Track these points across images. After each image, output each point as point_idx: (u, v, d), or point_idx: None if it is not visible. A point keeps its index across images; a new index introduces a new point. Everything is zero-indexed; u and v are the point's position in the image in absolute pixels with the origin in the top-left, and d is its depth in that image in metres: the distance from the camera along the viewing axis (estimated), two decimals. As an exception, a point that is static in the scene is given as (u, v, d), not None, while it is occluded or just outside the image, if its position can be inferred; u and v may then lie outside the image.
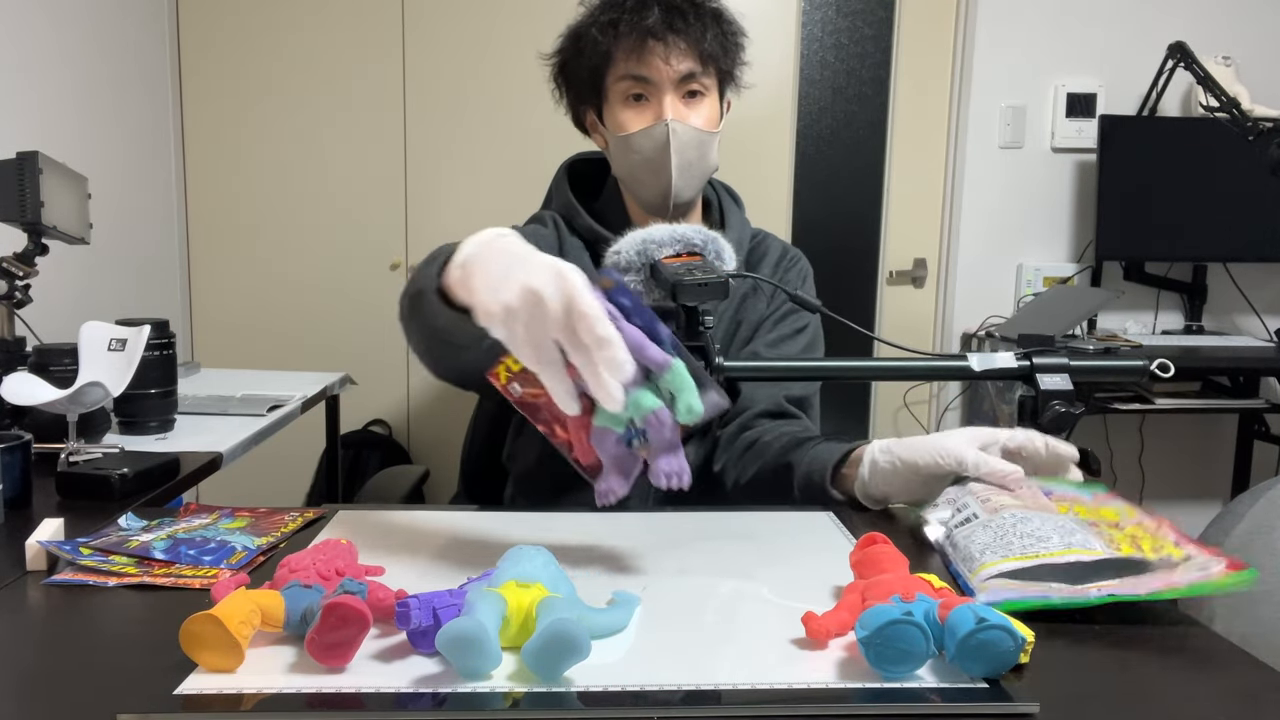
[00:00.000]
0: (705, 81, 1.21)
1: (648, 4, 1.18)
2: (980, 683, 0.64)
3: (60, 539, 0.87)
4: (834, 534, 0.98)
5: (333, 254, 2.69)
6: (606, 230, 1.24)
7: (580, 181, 1.35)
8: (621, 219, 1.24)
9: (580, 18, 1.25)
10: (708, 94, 1.22)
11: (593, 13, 1.22)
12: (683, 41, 1.18)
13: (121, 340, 1.26)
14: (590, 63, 1.23)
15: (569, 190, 1.31)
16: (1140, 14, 2.68)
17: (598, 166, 1.33)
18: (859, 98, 2.77)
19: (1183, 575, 0.74)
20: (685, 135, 1.19)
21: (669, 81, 1.19)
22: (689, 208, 1.26)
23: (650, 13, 1.17)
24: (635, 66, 1.19)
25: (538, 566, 0.72)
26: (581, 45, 1.23)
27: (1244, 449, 2.79)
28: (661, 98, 1.19)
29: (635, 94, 1.21)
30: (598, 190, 1.34)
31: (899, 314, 2.84)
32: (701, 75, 1.20)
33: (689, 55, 1.18)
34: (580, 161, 1.39)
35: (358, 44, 2.62)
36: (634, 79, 1.20)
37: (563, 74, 1.28)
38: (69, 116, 2.13)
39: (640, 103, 1.21)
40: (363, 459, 2.63)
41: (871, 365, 1.21)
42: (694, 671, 0.65)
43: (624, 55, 1.20)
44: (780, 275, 1.32)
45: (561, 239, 1.28)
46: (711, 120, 1.22)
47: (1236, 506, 1.55)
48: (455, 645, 0.61)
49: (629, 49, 1.19)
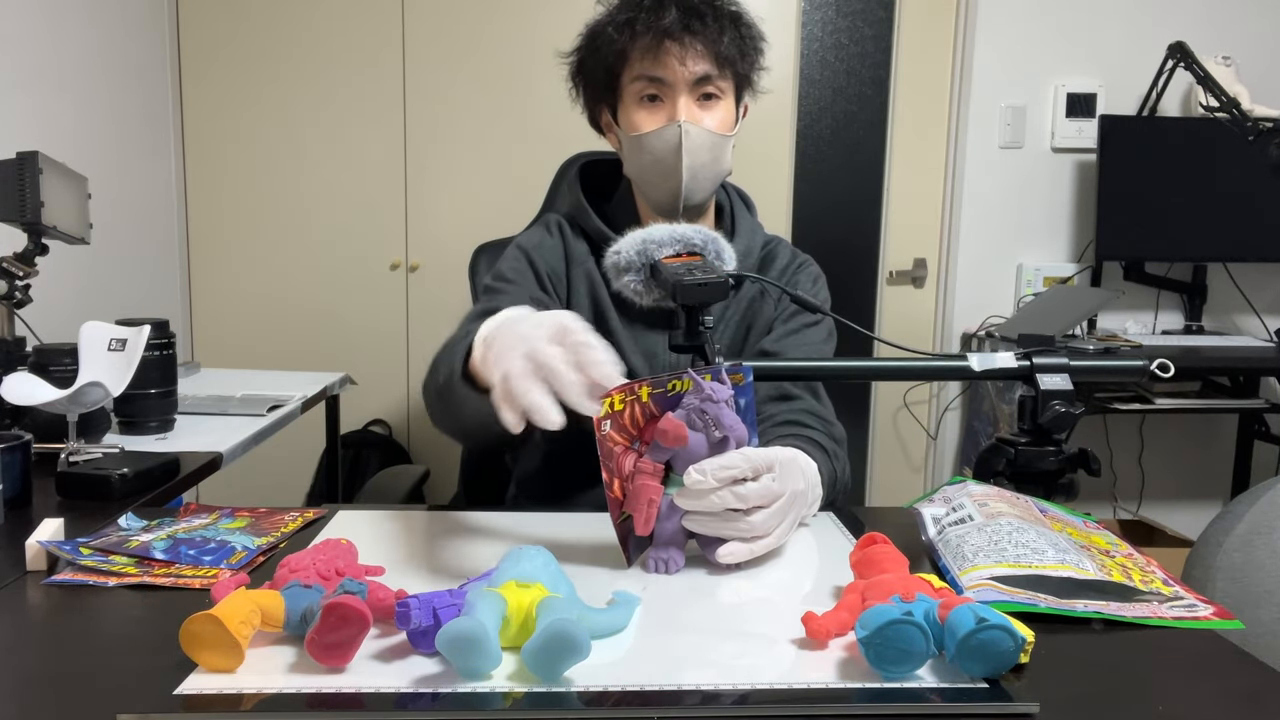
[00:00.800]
0: (721, 84, 1.20)
1: (665, 4, 1.16)
2: (980, 683, 0.64)
3: (60, 539, 0.87)
4: (834, 534, 0.98)
5: (333, 254, 2.69)
6: (615, 231, 1.23)
7: (593, 182, 1.34)
8: (632, 220, 1.24)
9: (598, 16, 1.24)
10: (723, 97, 1.21)
11: (611, 11, 1.21)
12: (699, 43, 1.17)
13: (121, 340, 1.26)
14: (606, 61, 1.22)
15: (580, 191, 1.31)
16: (1140, 14, 2.68)
17: (611, 167, 1.33)
18: (859, 98, 2.77)
19: (1170, 610, 0.75)
20: (698, 138, 1.18)
21: (684, 83, 1.17)
22: (700, 210, 1.25)
23: (667, 13, 1.16)
24: (650, 67, 1.18)
25: (538, 566, 0.72)
26: (598, 44, 1.22)
27: (1244, 449, 2.79)
28: (676, 99, 1.18)
29: (650, 94, 1.19)
30: (610, 191, 1.33)
31: (899, 314, 2.84)
32: (717, 78, 1.19)
33: (705, 57, 1.17)
34: (594, 162, 1.38)
35: (358, 44, 2.62)
36: (649, 79, 1.19)
37: (580, 72, 1.27)
38: (69, 116, 2.13)
39: (654, 103, 1.20)
40: (363, 459, 2.63)
41: (871, 365, 1.21)
42: (694, 672, 0.66)
43: (639, 55, 1.19)
44: (789, 278, 1.31)
45: (566, 244, 1.28)
46: (726, 123, 1.21)
47: (1236, 506, 1.55)
48: (455, 645, 0.61)
49: (645, 49, 1.18)
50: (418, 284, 2.71)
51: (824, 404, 1.20)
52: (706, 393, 0.80)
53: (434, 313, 2.71)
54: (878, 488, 2.90)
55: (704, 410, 0.80)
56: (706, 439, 0.80)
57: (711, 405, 0.80)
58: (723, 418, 0.80)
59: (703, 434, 0.80)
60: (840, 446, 1.14)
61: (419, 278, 2.70)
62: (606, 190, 1.33)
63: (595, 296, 1.24)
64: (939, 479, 2.85)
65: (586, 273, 1.25)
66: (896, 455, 2.90)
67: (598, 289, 1.24)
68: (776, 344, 1.24)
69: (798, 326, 1.25)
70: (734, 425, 0.81)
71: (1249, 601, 1.42)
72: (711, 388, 0.80)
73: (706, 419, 0.80)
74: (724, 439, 0.81)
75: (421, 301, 2.71)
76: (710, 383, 0.81)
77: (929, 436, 2.86)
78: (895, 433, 2.89)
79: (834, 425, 1.16)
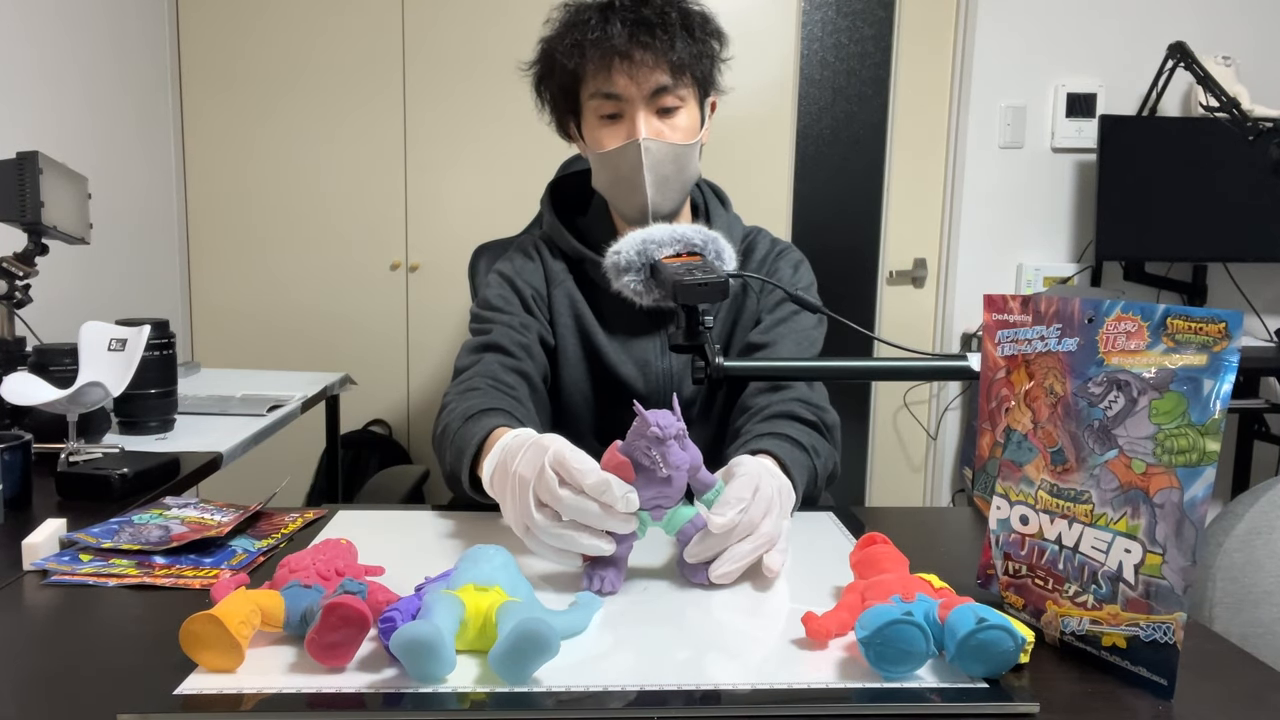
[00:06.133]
0: (681, 93, 1.18)
1: (610, 20, 1.14)
2: (980, 683, 0.64)
3: (56, 550, 0.87)
4: (834, 534, 0.98)
5: (333, 254, 2.69)
6: (593, 247, 1.23)
7: (568, 196, 1.34)
8: (609, 233, 1.23)
9: (549, 33, 1.22)
10: (684, 105, 1.19)
11: (559, 30, 1.20)
12: (650, 57, 1.14)
13: (121, 340, 1.26)
14: (561, 81, 1.21)
15: (552, 212, 1.31)
16: (1140, 14, 2.68)
17: (586, 177, 1.33)
18: (859, 98, 2.77)
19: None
20: (659, 152, 1.17)
21: (640, 98, 1.16)
22: (673, 217, 1.24)
23: (614, 29, 1.14)
24: (605, 84, 1.17)
25: (496, 568, 0.71)
26: (552, 64, 1.21)
27: (1244, 449, 2.79)
28: (635, 114, 1.16)
29: (608, 112, 1.18)
30: (587, 203, 1.33)
31: (899, 314, 2.84)
32: (675, 88, 1.17)
33: (659, 69, 1.15)
34: (568, 176, 1.38)
35: (358, 43, 2.62)
36: (605, 97, 1.17)
37: (541, 87, 1.27)
38: (69, 116, 2.13)
39: (614, 120, 1.18)
40: (363, 459, 2.63)
41: (871, 365, 1.21)
42: (694, 671, 0.66)
43: (593, 74, 1.17)
44: (770, 266, 1.31)
45: (546, 265, 1.28)
46: (689, 131, 1.20)
47: (1236, 506, 1.55)
48: (409, 649, 0.61)
49: (597, 68, 1.16)
50: (418, 284, 2.71)
51: (816, 390, 1.19)
52: (653, 430, 0.78)
53: (434, 313, 2.71)
54: (878, 488, 2.90)
55: (649, 448, 0.78)
56: (654, 475, 0.79)
57: (657, 444, 0.78)
58: (669, 455, 0.79)
59: (651, 470, 0.79)
60: (832, 432, 1.14)
61: (419, 278, 2.70)
62: (585, 201, 1.33)
63: (577, 314, 1.26)
64: (939, 479, 2.86)
65: (567, 293, 1.27)
66: (896, 455, 2.90)
67: (579, 307, 1.26)
68: (766, 334, 1.23)
69: (786, 314, 1.25)
70: (679, 462, 0.79)
71: (1249, 601, 1.42)
72: (660, 424, 0.78)
73: (653, 455, 0.78)
74: (669, 476, 0.79)
75: (421, 301, 2.71)
76: (662, 413, 0.79)
77: (929, 436, 2.86)
78: (895, 433, 2.89)
79: (826, 411, 1.15)
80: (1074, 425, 0.71)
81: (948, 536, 1.05)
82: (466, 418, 1.02)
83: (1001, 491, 0.78)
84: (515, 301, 1.25)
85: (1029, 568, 0.75)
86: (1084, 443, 0.70)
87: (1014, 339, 0.78)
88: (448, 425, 1.04)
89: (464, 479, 0.97)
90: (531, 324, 1.23)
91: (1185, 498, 0.64)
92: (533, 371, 1.19)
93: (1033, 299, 0.77)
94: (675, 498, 0.81)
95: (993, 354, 0.80)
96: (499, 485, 0.86)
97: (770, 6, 2.62)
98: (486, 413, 1.01)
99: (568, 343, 1.25)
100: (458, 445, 0.99)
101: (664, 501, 0.80)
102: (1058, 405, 0.73)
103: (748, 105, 2.56)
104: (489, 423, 0.98)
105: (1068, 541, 0.71)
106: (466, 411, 1.03)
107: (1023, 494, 0.76)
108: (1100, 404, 0.69)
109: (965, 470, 2.82)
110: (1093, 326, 0.71)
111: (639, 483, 0.79)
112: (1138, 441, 0.67)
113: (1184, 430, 0.64)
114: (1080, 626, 0.70)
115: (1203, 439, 0.63)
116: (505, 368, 1.16)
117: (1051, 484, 0.73)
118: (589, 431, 1.26)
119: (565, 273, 1.28)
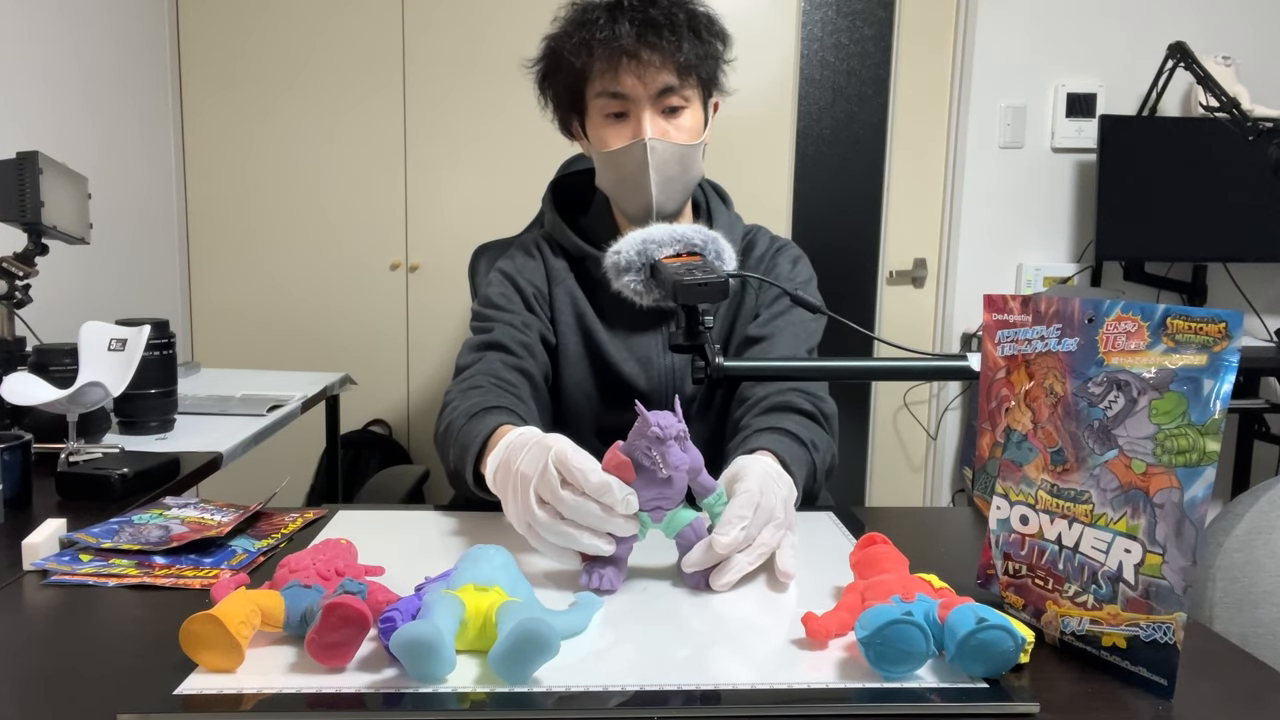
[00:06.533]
0: (686, 94, 1.19)
1: (619, 19, 1.15)
2: (980, 683, 0.64)
3: (56, 550, 0.87)
4: (834, 534, 0.98)
5: (333, 254, 2.69)
6: (594, 245, 1.24)
7: (569, 195, 1.34)
8: (610, 231, 1.24)
9: (556, 30, 1.22)
10: (689, 105, 1.20)
11: (566, 28, 1.20)
12: (658, 57, 1.15)
13: (121, 340, 1.26)
14: (567, 80, 1.21)
15: (554, 210, 1.31)
16: (1140, 14, 2.68)
17: (587, 176, 1.33)
18: (859, 98, 2.77)
19: None
20: (664, 152, 1.17)
21: (646, 98, 1.16)
22: (676, 216, 1.24)
23: (622, 29, 1.14)
24: (611, 83, 1.17)
25: (496, 568, 0.71)
26: (558, 62, 1.21)
27: (1244, 449, 2.78)
28: (640, 114, 1.17)
29: (614, 111, 1.19)
30: (589, 202, 1.33)
31: (899, 314, 2.84)
32: (681, 88, 1.18)
33: (666, 70, 1.16)
34: (569, 175, 1.38)
35: (358, 43, 2.62)
36: (611, 95, 1.18)
37: (546, 85, 1.27)
38: (69, 116, 2.13)
39: (620, 119, 1.19)
40: (363, 459, 2.63)
41: (871, 365, 1.21)
42: (694, 671, 0.66)
43: (599, 73, 1.18)
44: (768, 263, 1.31)
45: (547, 263, 1.29)
46: (694, 131, 1.20)
47: (1236, 506, 1.55)
48: (409, 649, 0.61)
49: (604, 67, 1.17)
50: (418, 284, 2.71)
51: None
52: (654, 430, 0.78)
53: (434, 313, 2.71)
54: (878, 488, 2.90)
55: (650, 448, 0.78)
56: (654, 476, 0.79)
57: (658, 444, 0.78)
58: (670, 456, 0.79)
59: (651, 471, 0.79)
60: (830, 422, 1.14)
61: (419, 278, 2.70)
62: (587, 200, 1.33)
63: (579, 312, 1.26)
64: (939, 479, 2.86)
65: (568, 290, 1.27)
66: (896, 455, 2.90)
67: (581, 305, 1.26)
68: (765, 328, 1.24)
69: (784, 309, 1.25)
70: (680, 463, 0.79)
71: (1249, 601, 1.42)
72: (660, 424, 0.78)
73: (654, 456, 0.78)
74: (669, 477, 0.79)
75: (421, 301, 2.71)
76: (663, 414, 0.79)
77: (929, 436, 2.86)
78: (895, 433, 2.89)
79: (824, 401, 1.15)
80: (1074, 425, 0.71)
81: (948, 536, 1.05)
82: (470, 415, 1.02)
83: (1001, 491, 0.78)
84: (517, 300, 1.25)
85: (1029, 568, 0.75)
86: (1084, 443, 0.70)
87: (1014, 339, 0.78)
88: (451, 423, 1.04)
89: (468, 476, 0.97)
90: (533, 322, 1.24)
91: (1185, 498, 0.64)
92: (534, 370, 1.19)
93: (1033, 299, 0.77)
94: (676, 499, 0.81)
95: (993, 354, 0.80)
96: (501, 482, 0.86)
97: (770, 7, 2.62)
98: (490, 410, 1.02)
99: (569, 341, 1.25)
100: (462, 442, 0.99)
101: (664, 503, 0.80)
102: (1058, 405, 0.73)
103: (748, 105, 2.55)
104: (493, 420, 0.98)
105: (1068, 541, 0.71)
106: (470, 409, 1.03)
107: (1023, 494, 0.76)
108: (1100, 404, 0.69)
109: (965, 470, 2.82)
110: (1093, 326, 0.71)
111: (639, 483, 0.79)
112: (1138, 441, 0.67)
113: (1184, 430, 0.64)
114: (1080, 626, 0.70)
115: (1203, 439, 0.63)
116: (507, 366, 1.16)
117: (1051, 484, 0.73)
118: (590, 430, 1.26)
119: (567, 271, 1.28)
